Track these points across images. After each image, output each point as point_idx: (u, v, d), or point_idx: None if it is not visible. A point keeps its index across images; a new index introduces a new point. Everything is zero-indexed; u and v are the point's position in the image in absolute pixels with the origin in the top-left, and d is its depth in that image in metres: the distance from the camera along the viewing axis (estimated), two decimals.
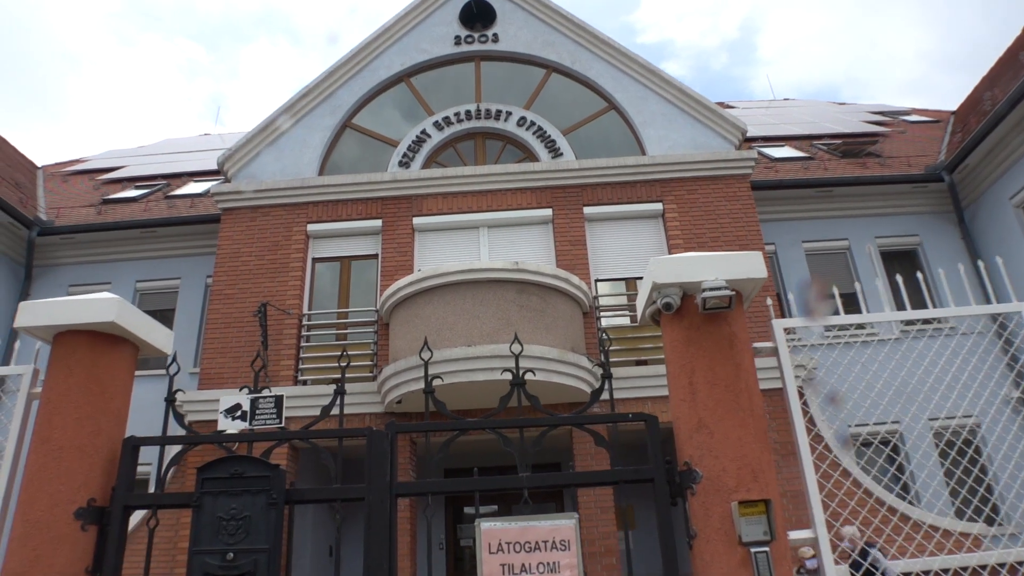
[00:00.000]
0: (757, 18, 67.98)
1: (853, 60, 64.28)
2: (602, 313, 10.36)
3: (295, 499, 2.69)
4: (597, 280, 10.62)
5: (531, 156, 11.76)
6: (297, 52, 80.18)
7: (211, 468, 2.64)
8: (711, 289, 2.56)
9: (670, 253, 10.78)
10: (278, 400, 2.82)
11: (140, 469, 3.30)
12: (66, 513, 2.59)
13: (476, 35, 12.68)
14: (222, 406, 2.85)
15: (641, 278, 10.96)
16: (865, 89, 66.31)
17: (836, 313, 3.12)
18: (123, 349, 2.93)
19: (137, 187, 14.81)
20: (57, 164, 18.07)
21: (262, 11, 73.18)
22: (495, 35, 12.71)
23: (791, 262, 12.47)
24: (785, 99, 26.68)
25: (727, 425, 2.58)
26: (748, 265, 2.70)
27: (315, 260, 10.96)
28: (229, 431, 2.77)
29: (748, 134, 13.04)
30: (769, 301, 3.07)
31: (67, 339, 2.84)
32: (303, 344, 10.21)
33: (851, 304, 4.40)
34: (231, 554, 2.50)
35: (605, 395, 7.82)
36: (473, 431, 2.78)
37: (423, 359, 2.85)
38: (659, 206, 11.09)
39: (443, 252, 10.93)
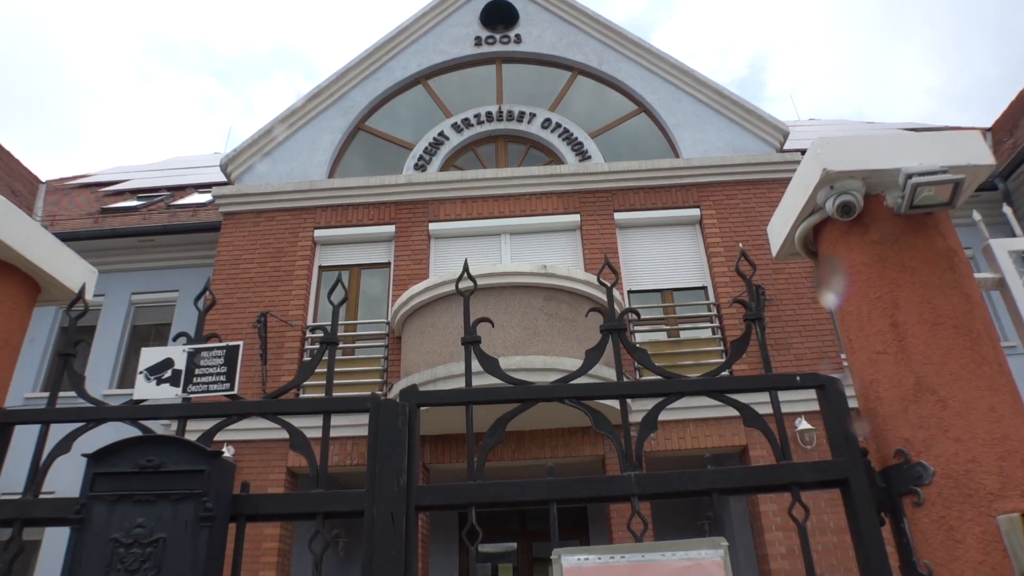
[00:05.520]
0: (765, 57, 68.00)
1: (863, 98, 63.96)
2: (636, 328, 9.35)
3: (247, 512, 1.65)
4: (630, 291, 9.62)
5: (556, 160, 10.89)
6: (311, 87, 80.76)
7: (107, 456, 1.58)
8: (924, 174, 1.61)
9: (709, 262, 9.81)
10: (230, 354, 1.83)
11: None
12: None
13: (498, 36, 11.92)
14: (143, 363, 1.86)
15: (679, 289, 10.03)
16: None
17: None
18: (8, 282, 1.94)
19: (139, 198, 14.04)
20: (61, 179, 17.41)
21: (278, 48, 74.01)
22: (518, 36, 11.94)
23: None
24: (810, 119, 25.87)
25: (969, 387, 1.55)
26: (968, 147, 1.75)
27: (322, 268, 10.05)
28: (151, 401, 1.79)
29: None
30: (977, 216, 2.11)
31: None
32: (306, 359, 9.24)
33: None
34: None
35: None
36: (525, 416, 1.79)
37: (461, 293, 1.89)
38: (696, 212, 10.13)
39: (461, 260, 9.97)
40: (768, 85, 70.87)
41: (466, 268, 2.00)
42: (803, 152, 14.92)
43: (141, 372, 1.85)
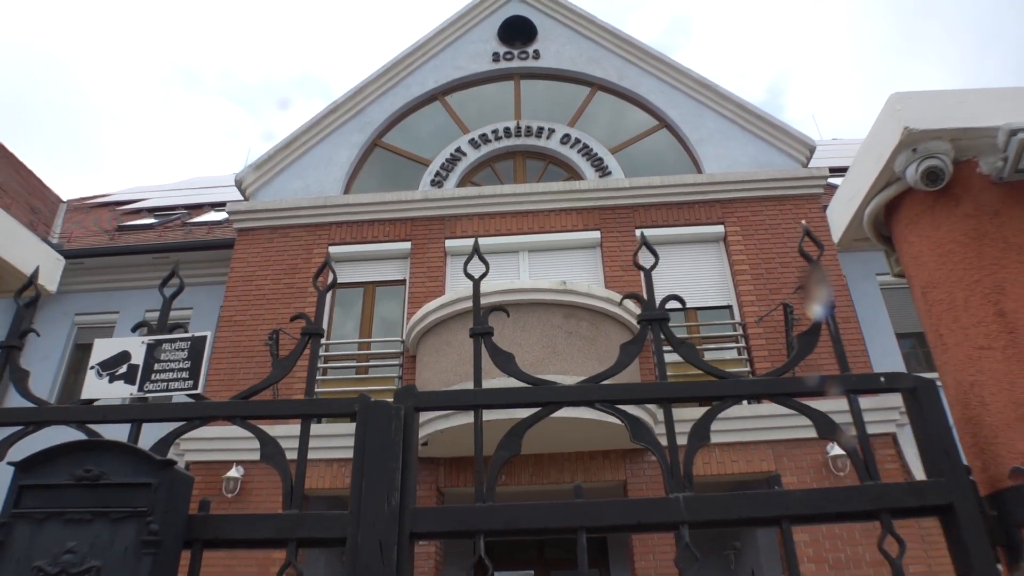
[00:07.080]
0: (784, 80, 67.98)
1: None
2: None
3: (205, 536, 1.36)
4: None
5: (575, 176, 10.65)
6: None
7: (38, 465, 1.30)
8: None
9: (734, 280, 9.47)
10: (195, 347, 1.58)
11: None
12: None
13: (516, 52, 11.77)
14: (95, 356, 1.61)
15: (703, 308, 9.67)
16: None
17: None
18: None
19: (155, 216, 13.99)
20: (81, 198, 17.47)
21: (298, 76, 75.22)
22: (536, 52, 11.78)
23: (864, 296, 10.79)
24: (833, 139, 25.51)
25: None
26: None
27: (336, 285, 9.84)
28: (103, 401, 1.53)
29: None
30: None
31: None
32: (319, 377, 8.99)
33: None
34: None
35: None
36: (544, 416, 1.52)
37: (470, 275, 1.65)
38: (720, 228, 9.82)
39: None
40: (787, 109, 70.83)
41: (476, 250, 1.75)
42: (833, 169, 14.60)
43: (92, 367, 1.60)
